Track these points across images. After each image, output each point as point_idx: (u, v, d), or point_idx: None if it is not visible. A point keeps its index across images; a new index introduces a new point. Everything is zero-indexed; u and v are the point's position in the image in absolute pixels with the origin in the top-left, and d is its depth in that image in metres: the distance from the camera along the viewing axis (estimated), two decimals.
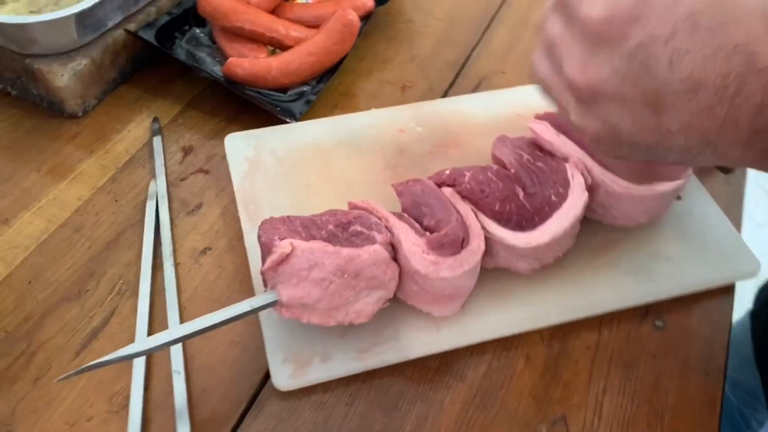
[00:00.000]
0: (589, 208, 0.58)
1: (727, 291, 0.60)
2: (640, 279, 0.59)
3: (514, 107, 0.73)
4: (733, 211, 0.66)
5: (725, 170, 0.69)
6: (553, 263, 0.58)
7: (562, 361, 0.55)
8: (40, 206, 0.64)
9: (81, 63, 0.70)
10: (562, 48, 0.40)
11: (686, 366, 0.55)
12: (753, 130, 0.34)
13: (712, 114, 0.34)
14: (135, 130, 0.72)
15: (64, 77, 0.69)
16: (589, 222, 0.60)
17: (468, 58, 0.84)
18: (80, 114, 0.73)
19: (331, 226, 0.52)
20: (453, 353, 0.55)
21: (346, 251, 0.50)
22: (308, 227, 0.52)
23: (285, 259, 0.49)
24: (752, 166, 0.38)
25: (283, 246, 0.49)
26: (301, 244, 0.50)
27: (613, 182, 0.58)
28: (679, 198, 0.63)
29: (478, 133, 0.70)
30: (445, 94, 0.79)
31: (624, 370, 0.54)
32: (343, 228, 0.52)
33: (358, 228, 0.52)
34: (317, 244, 0.50)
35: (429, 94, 0.79)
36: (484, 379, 0.54)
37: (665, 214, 0.63)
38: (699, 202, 0.65)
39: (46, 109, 0.73)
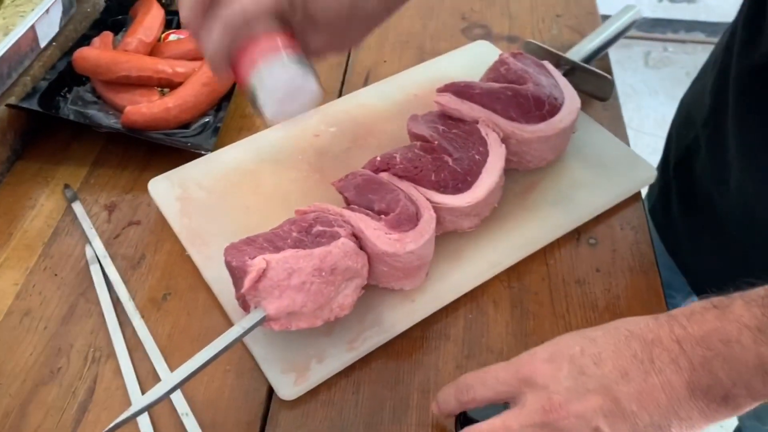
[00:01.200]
0: (505, 159, 0.65)
1: (635, 197, 0.69)
2: (564, 208, 0.66)
3: (408, 89, 0.78)
4: (619, 130, 0.75)
5: (601, 98, 0.78)
6: (490, 215, 0.64)
7: (525, 296, 0.61)
8: None
9: None
10: None
11: (625, 269, 0.63)
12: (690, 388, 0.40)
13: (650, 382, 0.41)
14: (47, 202, 0.70)
15: None
16: (508, 171, 0.66)
17: (349, 56, 0.88)
18: None
19: (294, 234, 0.55)
20: (432, 318, 0.59)
21: (318, 251, 0.52)
22: (273, 241, 0.54)
23: (262, 274, 0.51)
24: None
25: (257, 263, 0.51)
26: (274, 256, 0.52)
27: (521, 130, 0.65)
28: (574, 131, 0.71)
29: (386, 119, 0.74)
30: (340, 93, 0.83)
31: (578, 287, 0.61)
32: (306, 231, 0.55)
33: (320, 228, 0.55)
34: (289, 252, 0.52)
35: (325, 97, 0.82)
36: (465, 332, 0.58)
37: (567, 148, 0.70)
38: (590, 130, 0.73)
39: None
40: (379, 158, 0.62)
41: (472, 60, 0.82)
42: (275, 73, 0.46)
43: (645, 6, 2.73)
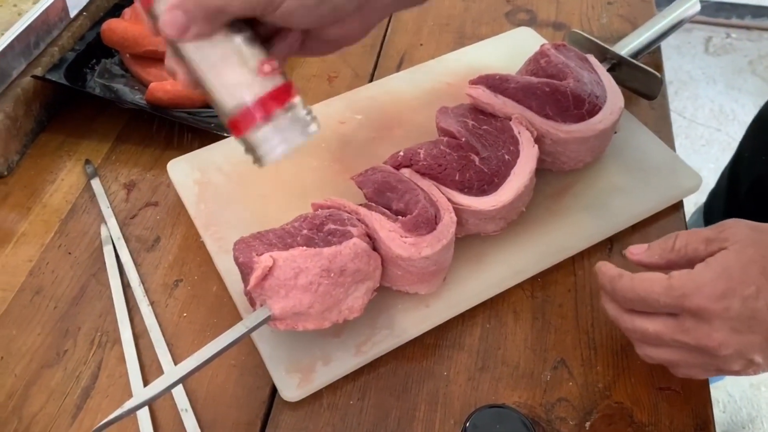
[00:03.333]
0: (538, 158, 0.61)
1: (676, 207, 0.64)
2: (598, 215, 0.62)
3: (442, 77, 0.75)
4: (664, 132, 0.70)
5: (648, 96, 0.73)
6: (517, 219, 0.60)
7: (548, 307, 0.58)
8: None
9: None
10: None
11: None
12: None
13: None
14: (68, 178, 0.69)
15: None
16: (540, 172, 0.63)
17: (384, 38, 0.85)
18: (6, 173, 0.69)
19: (305, 231, 0.52)
20: (446, 325, 0.56)
21: (327, 250, 0.50)
22: (282, 237, 0.52)
23: (269, 272, 0.49)
24: None
25: (264, 260, 0.49)
26: (281, 254, 0.50)
27: (557, 130, 0.60)
28: (615, 132, 0.66)
29: (415, 109, 0.71)
30: (371, 78, 0.79)
31: None
32: (317, 229, 0.52)
33: (332, 226, 0.52)
34: (297, 251, 0.50)
35: (356, 81, 0.79)
36: (481, 342, 0.56)
37: (607, 150, 0.66)
38: (634, 131, 0.69)
39: None
40: (401, 153, 0.59)
41: (513, 48, 0.77)
42: (276, 132, 0.43)
43: None
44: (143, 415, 0.51)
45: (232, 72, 0.43)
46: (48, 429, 0.51)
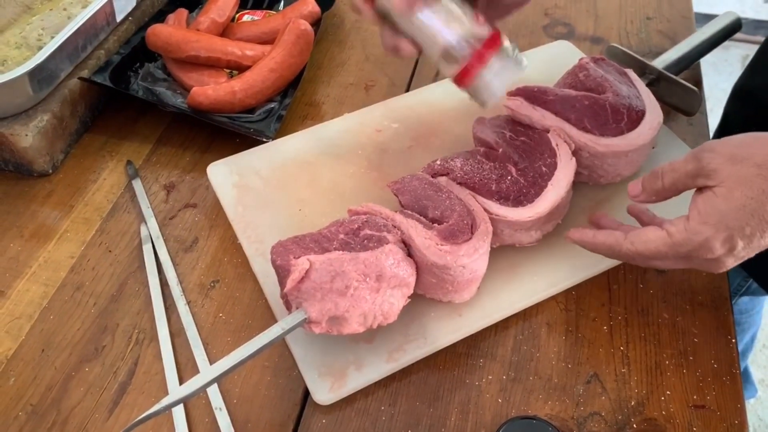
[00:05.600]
0: (575, 171, 0.61)
1: None
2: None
3: None
4: None
5: (687, 112, 0.73)
6: (553, 231, 0.60)
7: (582, 321, 0.57)
8: (33, 272, 0.63)
9: (42, 119, 0.69)
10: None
11: (694, 302, 0.58)
12: None
13: None
14: (110, 177, 0.71)
15: (28, 137, 0.67)
16: (576, 185, 0.63)
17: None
18: (50, 171, 0.71)
19: (341, 236, 0.53)
20: (479, 335, 0.56)
21: (364, 255, 0.50)
22: (319, 242, 0.53)
23: (305, 275, 0.50)
24: None
25: (300, 263, 0.50)
26: (318, 257, 0.50)
27: (595, 143, 0.60)
28: (653, 147, 0.66)
29: (452, 119, 0.71)
30: (408, 88, 0.80)
31: (640, 317, 0.57)
32: (354, 234, 0.53)
33: (368, 231, 0.53)
34: (334, 255, 0.51)
35: (392, 90, 0.80)
36: (513, 353, 0.55)
37: (644, 165, 0.66)
38: (672, 147, 0.68)
39: (14, 173, 0.71)
40: (438, 162, 0.59)
41: (551, 61, 0.77)
42: (496, 76, 0.53)
43: (748, 6, 2.56)
44: (178, 413, 0.52)
45: (451, 31, 0.52)
46: (85, 422, 0.52)
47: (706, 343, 0.55)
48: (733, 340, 0.55)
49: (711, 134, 0.74)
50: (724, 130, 0.85)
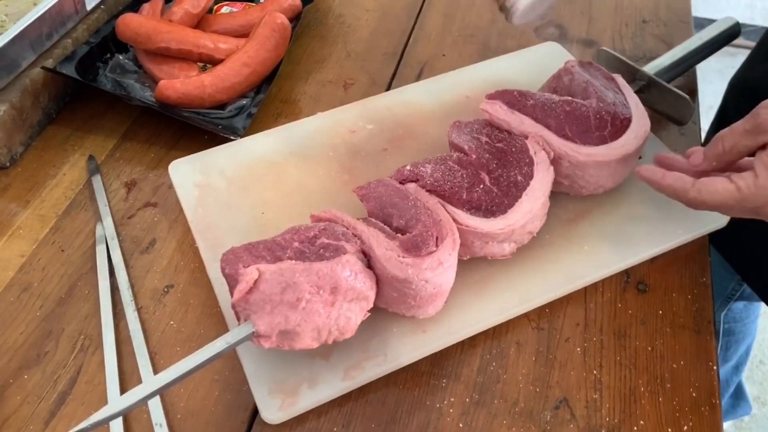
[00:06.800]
0: (554, 181, 0.57)
1: (701, 243, 0.60)
2: (615, 245, 0.58)
3: (461, 90, 0.71)
4: None
5: (678, 122, 0.69)
6: (529, 243, 0.57)
7: (554, 341, 0.54)
8: None
9: (0, 110, 0.65)
10: None
11: (675, 326, 0.54)
12: None
13: None
14: (70, 172, 0.68)
15: None
16: (556, 195, 0.59)
17: (405, 46, 0.82)
18: (8, 164, 0.68)
19: (296, 244, 0.49)
20: (443, 353, 0.53)
21: (318, 265, 0.47)
22: (272, 250, 0.49)
23: (254, 286, 0.46)
24: None
25: (249, 273, 0.46)
26: (268, 267, 0.47)
27: (575, 152, 0.57)
28: (640, 157, 0.62)
29: (430, 121, 0.68)
30: (388, 87, 0.77)
31: (616, 340, 0.53)
32: (310, 243, 0.49)
33: (325, 240, 0.49)
34: (285, 264, 0.47)
35: (372, 89, 0.76)
36: (479, 374, 0.52)
37: (629, 176, 0.62)
38: None
39: None
40: (408, 168, 0.56)
41: (538, 63, 0.74)
42: None
43: (758, 13, 2.51)
44: (116, 427, 0.48)
45: None
46: None
47: (685, 369, 0.52)
48: (715, 368, 0.52)
49: (703, 136, 0.70)
50: (720, 123, 0.81)
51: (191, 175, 0.64)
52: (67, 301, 0.57)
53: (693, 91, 0.74)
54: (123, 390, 0.51)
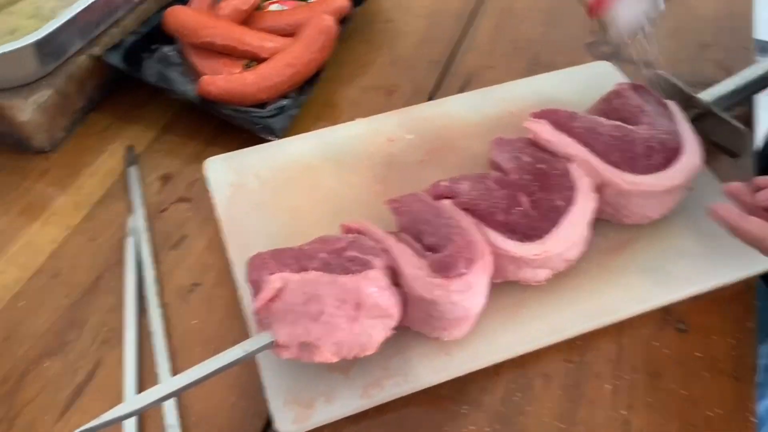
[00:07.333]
0: (597, 209, 0.55)
1: (748, 285, 0.57)
2: (657, 279, 0.55)
3: (506, 105, 0.69)
4: None
5: (732, 154, 0.66)
6: (565, 271, 0.55)
7: (583, 376, 0.51)
8: (13, 253, 0.60)
9: (45, 95, 0.66)
10: None
11: (714, 371, 0.52)
12: None
13: None
14: (108, 161, 0.68)
15: (26, 111, 0.65)
16: (598, 223, 0.57)
17: (453, 55, 0.80)
18: (48, 148, 0.68)
19: (323, 254, 0.48)
20: (466, 378, 0.51)
21: (344, 279, 0.46)
22: (299, 258, 0.48)
23: (277, 295, 0.45)
24: None
25: (273, 281, 0.46)
26: (293, 276, 0.46)
27: (621, 180, 0.54)
28: (690, 189, 0.59)
29: (472, 135, 0.66)
30: (431, 96, 0.75)
31: (650, 380, 0.51)
32: (337, 254, 0.48)
33: (353, 253, 0.48)
34: (311, 275, 0.46)
35: (415, 98, 0.75)
36: (502, 404, 0.50)
37: (677, 208, 0.59)
38: (710, 191, 0.61)
39: (12, 146, 0.68)
40: (445, 183, 0.54)
41: (588, 83, 0.71)
42: (629, 8, 0.54)
43: None
44: (130, 426, 0.48)
45: None
46: (35, 422, 0.49)
47: (721, 419, 0.49)
48: (752, 419, 0.49)
49: None
50: None
51: (226, 173, 0.63)
52: (94, 291, 0.57)
53: (749, 122, 0.71)
54: (140, 387, 0.51)
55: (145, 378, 0.52)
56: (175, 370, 0.52)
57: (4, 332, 0.54)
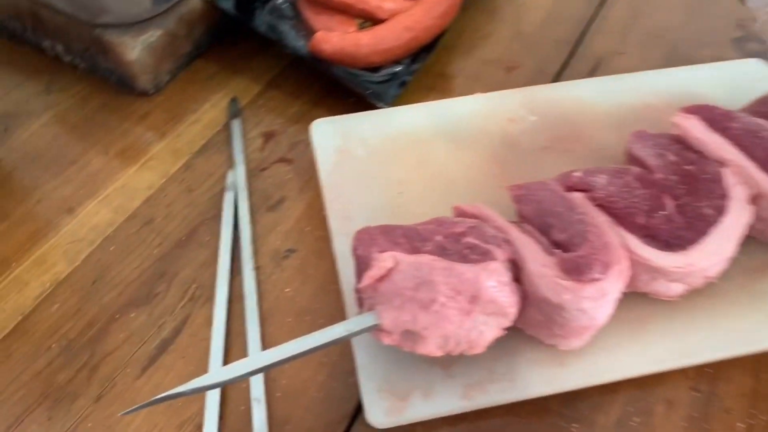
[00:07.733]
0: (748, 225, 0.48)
1: None
2: None
3: (642, 96, 0.63)
4: None
5: None
6: (703, 288, 0.48)
7: (712, 409, 0.45)
8: (107, 194, 0.58)
9: (154, 35, 0.64)
10: None
11: None
12: None
13: None
14: (211, 111, 0.65)
15: (135, 50, 0.62)
16: (744, 240, 0.50)
17: (582, 35, 0.74)
18: (152, 91, 0.66)
19: (439, 237, 0.44)
20: (579, 393, 0.46)
21: (461, 267, 0.41)
22: (411, 238, 0.44)
23: (387, 275, 0.41)
24: None
25: (384, 260, 0.41)
26: (405, 257, 0.42)
27: None
28: None
29: (602, 125, 0.60)
30: (556, 78, 0.69)
31: None
32: (455, 240, 0.44)
33: (473, 240, 0.43)
34: (425, 258, 0.42)
35: (538, 77, 0.69)
36: (617, 427, 0.45)
37: None
38: None
39: (116, 85, 0.66)
40: (578, 173, 0.48)
41: (736, 81, 0.64)
42: None
43: None
44: (212, 395, 0.45)
45: None
46: (115, 374, 0.47)
47: None
48: None
49: None
50: None
51: (332, 137, 0.59)
52: (186, 243, 0.54)
53: None
54: (227, 351, 0.48)
55: (232, 342, 0.49)
56: (264, 338, 0.48)
57: (93, 275, 0.52)
